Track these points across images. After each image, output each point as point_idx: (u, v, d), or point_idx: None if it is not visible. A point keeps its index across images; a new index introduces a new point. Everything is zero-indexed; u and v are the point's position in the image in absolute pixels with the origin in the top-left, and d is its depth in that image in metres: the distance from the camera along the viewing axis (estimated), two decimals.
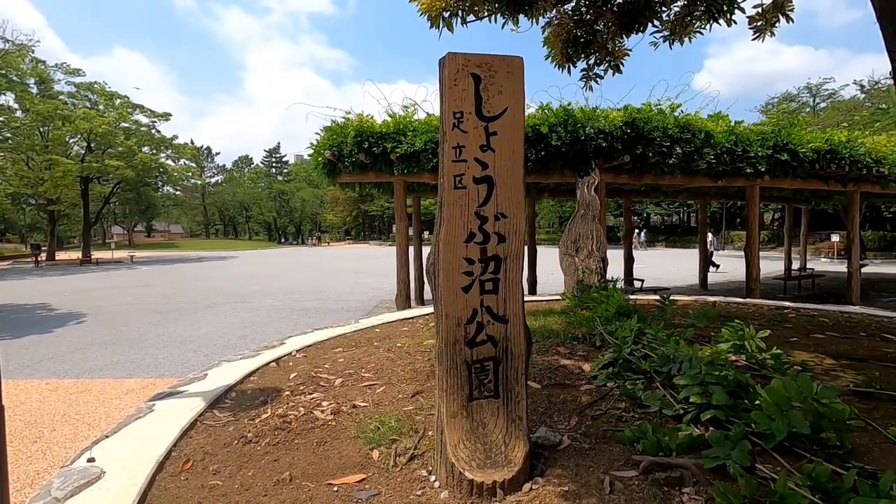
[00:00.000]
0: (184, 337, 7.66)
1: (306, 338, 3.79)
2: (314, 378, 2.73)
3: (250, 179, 76.22)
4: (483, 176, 1.56)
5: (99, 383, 5.40)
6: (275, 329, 8.15)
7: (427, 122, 6.33)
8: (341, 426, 2.02)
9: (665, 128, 6.83)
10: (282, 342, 3.64)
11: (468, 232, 1.55)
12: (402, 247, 7.04)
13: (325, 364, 3.05)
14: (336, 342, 3.68)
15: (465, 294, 1.56)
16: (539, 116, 6.41)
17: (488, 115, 1.55)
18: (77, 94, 29.60)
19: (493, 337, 1.58)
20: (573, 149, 6.43)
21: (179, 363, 6.16)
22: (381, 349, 3.35)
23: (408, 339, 3.65)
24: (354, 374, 2.79)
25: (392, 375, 2.69)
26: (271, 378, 2.80)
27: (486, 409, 1.57)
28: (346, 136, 6.26)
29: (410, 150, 6.19)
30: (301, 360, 3.16)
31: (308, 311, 10.02)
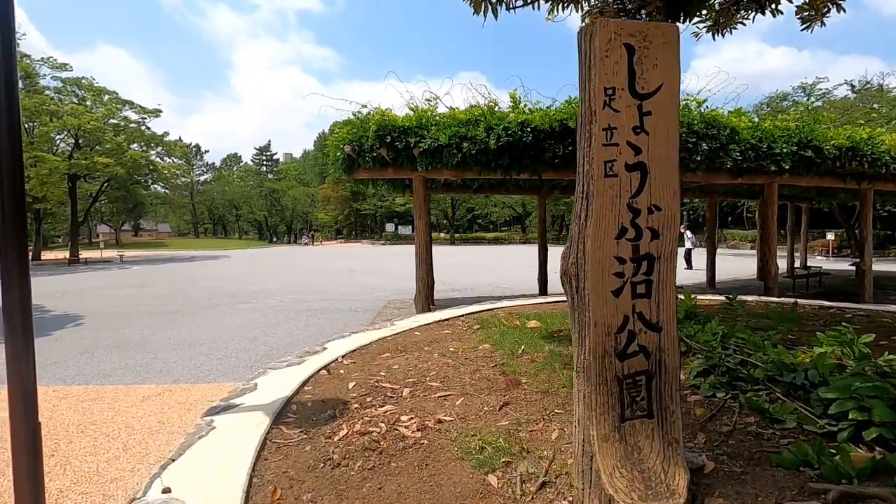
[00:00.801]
0: (191, 339, 7.36)
1: (347, 342, 3.55)
2: (377, 388, 2.51)
3: (239, 177, 75.26)
4: (636, 162, 1.35)
5: (111, 390, 5.10)
6: (285, 331, 7.88)
7: (451, 115, 6.11)
8: (437, 445, 1.81)
9: (690, 123, 6.69)
10: (323, 347, 3.41)
11: (619, 227, 1.35)
12: (421, 245, 6.81)
13: (380, 372, 2.83)
14: (381, 347, 3.46)
15: (615, 298, 1.35)
16: (567, 110, 6.22)
17: (642, 92, 1.34)
18: (64, 89, 28.83)
19: (646, 347, 1.38)
20: None
21: (192, 368, 5.88)
22: (435, 354, 3.14)
23: (457, 342, 3.44)
24: (419, 382, 2.57)
25: (463, 384, 2.48)
26: (328, 388, 2.57)
27: (639, 430, 1.37)
28: (367, 130, 6.01)
29: (434, 144, 5.96)
30: (352, 368, 2.93)
31: (315, 311, 9.75)
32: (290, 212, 69.26)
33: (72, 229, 29.78)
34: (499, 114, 6.17)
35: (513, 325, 3.57)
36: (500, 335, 3.24)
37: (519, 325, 3.57)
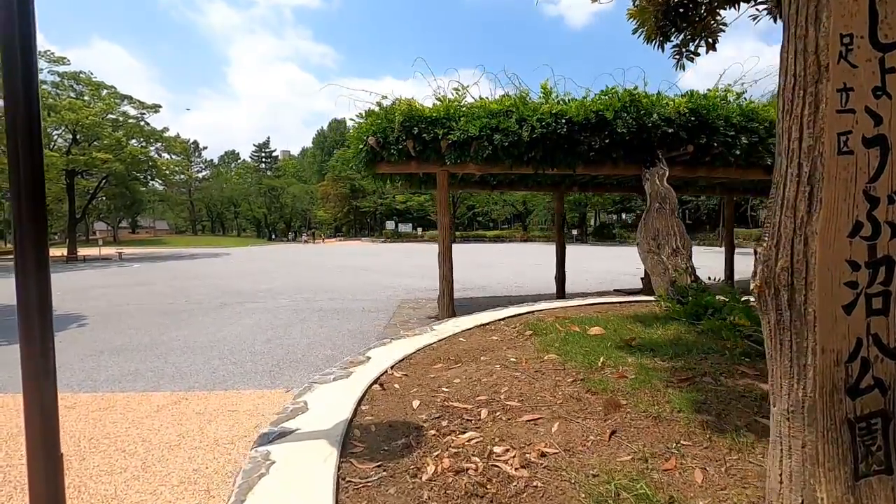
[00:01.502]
0: (202, 342, 7.01)
1: (390, 350, 3.22)
2: (447, 408, 2.18)
3: (237, 174, 74.70)
4: (875, 136, 1.02)
5: (122, 398, 4.75)
6: (300, 332, 7.54)
7: (482, 105, 5.77)
8: (555, 488, 1.48)
9: (728, 116, 6.37)
10: (366, 357, 3.07)
11: (853, 221, 1.02)
12: (445, 243, 6.48)
13: (441, 387, 2.50)
14: (429, 356, 3.13)
15: (846, 316, 1.03)
16: (603, 101, 5.88)
17: (885, 41, 1.01)
18: (61, 83, 28.30)
19: (882, 381, 1.05)
20: (639, 137, 5.92)
21: (207, 373, 5.53)
22: (496, 366, 2.81)
23: (514, 351, 3.11)
24: (494, 401, 2.24)
25: (549, 405, 2.15)
26: (389, 407, 2.23)
27: (877, 492, 1.04)
28: (391, 121, 5.67)
29: (463, 136, 5.62)
30: (407, 382, 2.60)
31: (328, 311, 9.41)
32: (289, 209, 68.75)
33: (69, 226, 29.31)
34: (532, 104, 5.83)
35: (571, 331, 3.24)
36: (561, 343, 2.90)
37: (579, 332, 3.23)
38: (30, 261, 1.59)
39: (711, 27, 4.38)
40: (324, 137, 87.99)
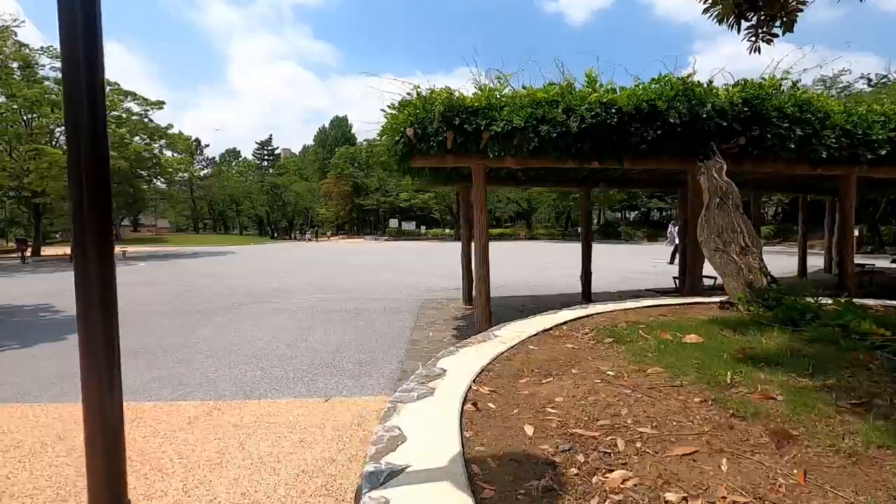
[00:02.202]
0: (224, 345, 6.67)
1: (461, 360, 2.89)
2: (571, 436, 1.84)
3: (238, 172, 74.30)
4: None
5: (149, 408, 4.42)
6: (324, 335, 7.21)
7: (528, 94, 5.41)
8: None
9: (782, 107, 6.03)
10: (439, 368, 2.73)
11: None
12: (482, 242, 6.13)
13: (544, 407, 2.16)
14: (508, 367, 2.79)
15: None
16: (654, 90, 5.53)
17: None
18: None
19: None
20: (692, 128, 5.58)
21: (234, 379, 5.20)
22: (594, 379, 2.47)
23: (603, 363, 2.78)
24: (620, 426, 1.90)
25: (692, 432, 1.81)
26: (497, 434, 1.90)
27: None
28: (431, 111, 5.32)
29: (507, 128, 5.28)
30: (501, 400, 2.26)
31: (348, 312, 9.07)
32: (291, 207, 68.39)
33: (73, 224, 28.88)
34: (579, 93, 5.48)
35: (662, 339, 2.90)
36: (659, 354, 2.57)
37: (672, 340, 2.89)
38: (92, 260, 1.32)
39: (790, 6, 4.02)
40: (325, 135, 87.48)
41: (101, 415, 1.40)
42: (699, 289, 6.69)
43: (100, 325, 1.40)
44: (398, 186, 59.15)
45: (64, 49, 1.23)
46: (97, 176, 1.33)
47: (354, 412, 4.25)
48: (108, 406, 1.41)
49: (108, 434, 1.42)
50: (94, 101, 1.25)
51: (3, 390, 4.91)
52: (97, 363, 1.39)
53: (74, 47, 1.23)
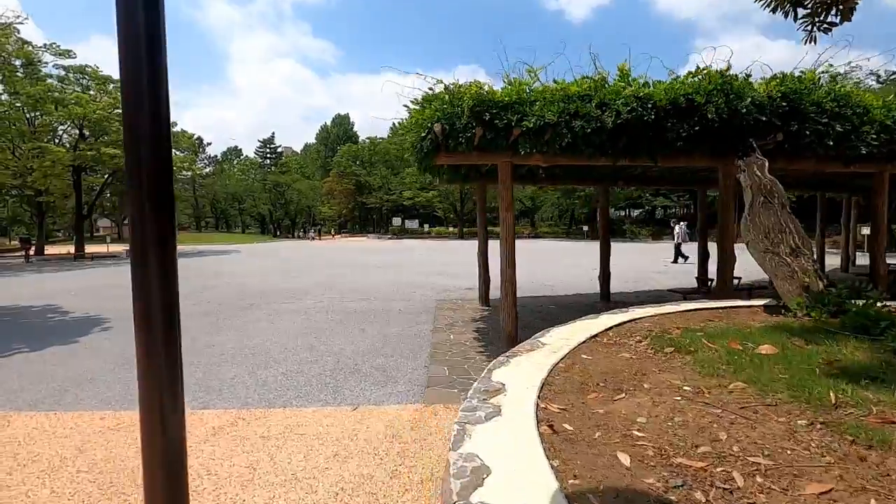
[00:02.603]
0: (240, 348, 6.47)
1: (515, 372, 2.68)
2: (676, 468, 1.63)
3: (240, 171, 74.08)
4: None
5: None
6: (343, 337, 7.01)
7: (560, 87, 5.19)
8: None
9: (820, 101, 5.80)
10: (497, 382, 2.53)
11: None
12: (508, 242, 5.92)
13: (629, 429, 1.96)
14: (569, 380, 2.59)
15: None
16: (692, 83, 5.31)
17: None
18: (66, 77, 27.69)
19: None
20: (730, 124, 5.35)
21: (256, 386, 5.00)
22: (671, 395, 2.27)
23: (670, 374, 2.57)
24: (727, 455, 1.70)
25: (814, 463, 1.61)
26: (587, 463, 1.70)
27: None
28: (459, 106, 5.10)
29: (539, 123, 5.05)
30: (577, 421, 2.06)
31: (365, 313, 8.87)
32: (294, 205, 68.17)
33: (76, 223, 28.78)
34: (613, 87, 5.26)
35: (731, 348, 2.69)
36: (735, 367, 2.37)
37: (742, 350, 2.68)
38: (153, 269, 1.16)
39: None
40: (327, 133, 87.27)
41: (163, 436, 1.21)
42: (730, 290, 6.47)
43: (161, 340, 1.25)
44: (401, 184, 58.93)
45: (123, 46, 1.10)
46: (160, 179, 1.18)
47: (386, 422, 4.05)
48: (171, 427, 1.24)
49: (169, 458, 1.26)
50: (157, 101, 1.10)
51: (16, 397, 4.71)
52: (158, 381, 1.23)
53: (135, 44, 1.09)
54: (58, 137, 29.13)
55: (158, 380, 1.21)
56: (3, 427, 4.02)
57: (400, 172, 60.25)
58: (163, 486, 1.20)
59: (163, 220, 1.18)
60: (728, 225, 6.55)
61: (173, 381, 1.22)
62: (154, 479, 1.22)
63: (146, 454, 1.23)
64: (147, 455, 1.22)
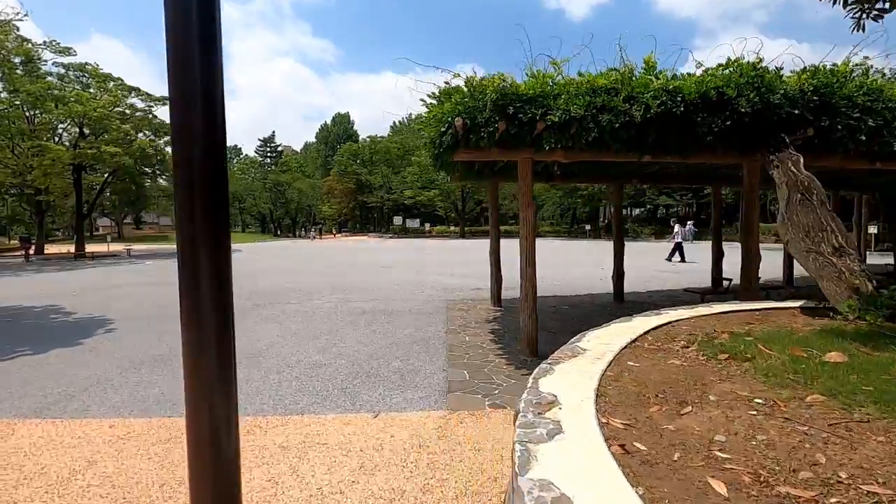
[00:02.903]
0: (250, 351, 6.27)
1: (562, 381, 2.49)
2: (785, 498, 1.43)
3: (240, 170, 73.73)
4: None
5: (181, 424, 3.99)
6: (354, 339, 6.81)
7: (587, 80, 4.98)
8: None
9: (851, 96, 5.60)
10: (548, 393, 2.33)
11: None
12: (528, 240, 5.72)
13: (712, 449, 1.76)
14: (622, 390, 2.39)
15: None
16: (722, 75, 5.11)
17: None
18: (66, 75, 27.44)
19: None
20: (761, 118, 5.15)
21: (269, 391, 4.80)
22: (742, 408, 2.09)
23: (731, 383, 2.39)
24: (832, 482, 1.51)
25: None
26: (679, 493, 1.49)
27: None
28: (481, 100, 4.89)
29: (565, 117, 4.85)
30: (652, 441, 1.86)
31: (373, 314, 8.67)
32: (294, 204, 67.91)
33: (77, 222, 28.54)
34: (641, 79, 5.05)
35: (793, 355, 2.49)
36: (802, 375, 2.18)
37: (806, 357, 2.49)
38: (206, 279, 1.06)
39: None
40: (327, 132, 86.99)
41: (213, 448, 1.10)
42: (755, 292, 6.27)
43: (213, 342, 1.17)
44: (402, 183, 58.70)
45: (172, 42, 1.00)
46: (214, 180, 1.05)
47: (410, 430, 3.85)
48: (223, 439, 1.12)
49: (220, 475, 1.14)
50: (212, 101, 1.00)
51: (21, 403, 4.51)
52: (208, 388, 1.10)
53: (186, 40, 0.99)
54: (57, 136, 28.89)
55: (208, 387, 1.12)
56: (7, 436, 3.82)
57: (401, 171, 60.05)
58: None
59: (217, 219, 1.03)
60: (753, 224, 6.36)
61: (226, 388, 1.11)
62: (202, 493, 1.08)
63: (194, 470, 1.11)
64: (195, 470, 1.11)
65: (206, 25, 1.00)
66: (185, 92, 0.99)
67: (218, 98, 1.02)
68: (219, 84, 1.03)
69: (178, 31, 0.99)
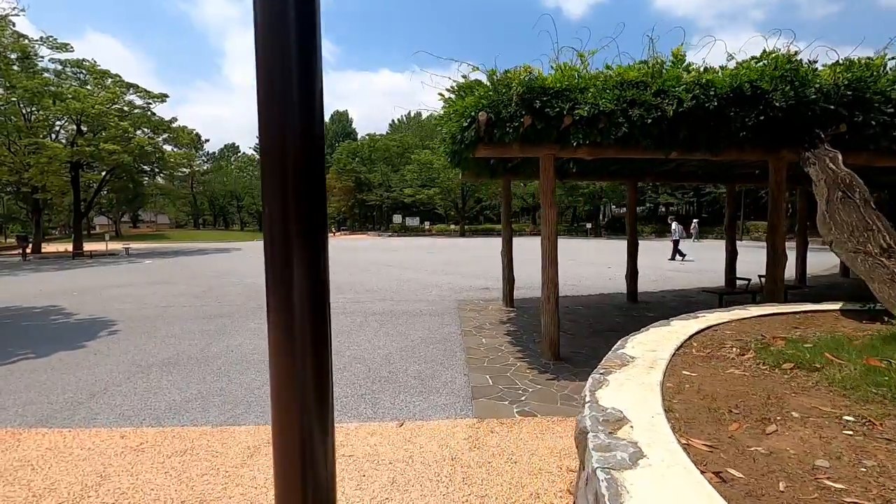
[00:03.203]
0: (262, 354, 6.06)
1: (631, 398, 2.29)
2: None
3: (237, 168, 73.31)
4: None
5: (197, 435, 3.81)
6: (368, 342, 6.61)
7: (618, 73, 4.78)
8: None
9: (885, 90, 5.42)
10: (615, 409, 2.13)
11: None
12: (550, 239, 5.52)
13: (820, 478, 1.58)
14: (695, 409, 2.21)
15: None
16: (756, 68, 4.92)
17: None
18: (63, 71, 27.07)
19: None
20: (796, 113, 4.97)
21: None
22: (845, 431, 1.89)
23: (808, 398, 2.20)
24: None
25: None
26: None
27: None
28: (506, 94, 4.69)
29: (593, 112, 4.65)
30: (747, 467, 1.69)
31: (385, 314, 8.46)
32: None
33: (75, 221, 28.21)
34: (670, 73, 4.86)
35: (868, 365, 2.30)
36: (890, 389, 1.97)
37: (885, 368, 2.30)
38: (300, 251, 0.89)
39: None
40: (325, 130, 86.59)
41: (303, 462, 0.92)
42: (781, 292, 6.09)
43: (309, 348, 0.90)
44: (402, 182, 58.40)
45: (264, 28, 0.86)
46: (310, 171, 0.88)
47: (439, 440, 3.66)
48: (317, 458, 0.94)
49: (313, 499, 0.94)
50: (310, 95, 0.86)
51: (25, 411, 4.30)
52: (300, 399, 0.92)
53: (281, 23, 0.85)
54: (55, 133, 28.53)
55: (300, 398, 0.90)
56: (12, 447, 3.61)
57: (400, 169, 59.75)
58: None
59: (314, 213, 0.84)
60: (779, 222, 6.17)
61: (322, 398, 0.99)
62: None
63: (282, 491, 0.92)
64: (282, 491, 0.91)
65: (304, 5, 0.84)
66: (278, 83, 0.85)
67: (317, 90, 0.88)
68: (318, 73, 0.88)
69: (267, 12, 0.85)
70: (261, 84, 0.83)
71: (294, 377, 0.88)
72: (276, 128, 0.82)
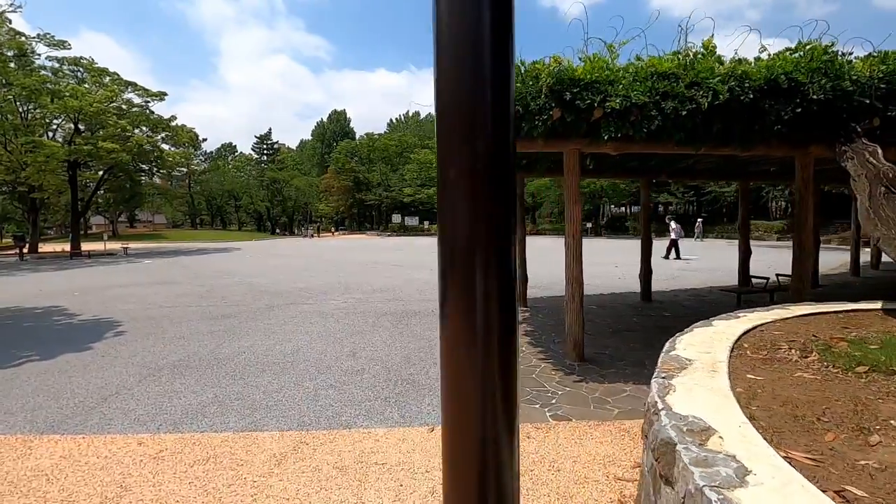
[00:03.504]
0: (275, 355, 5.88)
1: (705, 405, 2.13)
2: None
3: (235, 167, 72.93)
4: None
5: (217, 440, 3.63)
6: (383, 342, 6.43)
7: (652, 63, 4.62)
8: None
9: None
10: (697, 419, 1.96)
11: None
12: (575, 238, 5.36)
13: None
14: (779, 418, 2.05)
15: None
16: (792, 59, 4.76)
17: None
18: (60, 69, 26.76)
19: None
20: (833, 106, 4.82)
21: (307, 402, 4.41)
22: None
23: (892, 402, 2.02)
24: None
25: None
26: None
27: None
28: (534, 85, 4.52)
29: (625, 104, 4.49)
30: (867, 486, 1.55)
31: (395, 315, 8.28)
32: (291, 202, 67.24)
33: (73, 220, 27.91)
34: (703, 64, 4.70)
35: None
36: None
37: None
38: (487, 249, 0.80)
39: None
40: (324, 129, 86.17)
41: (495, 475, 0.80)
42: (808, 292, 5.95)
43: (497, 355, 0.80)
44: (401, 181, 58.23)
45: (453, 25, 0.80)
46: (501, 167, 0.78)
47: None
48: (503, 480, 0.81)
49: None
50: (504, 96, 0.77)
51: (34, 416, 4.10)
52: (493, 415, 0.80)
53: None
54: (52, 131, 28.20)
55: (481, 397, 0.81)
56: (24, 456, 3.42)
57: (399, 169, 59.55)
58: None
59: (504, 210, 0.71)
60: (806, 220, 6.02)
61: (509, 410, 0.80)
62: None
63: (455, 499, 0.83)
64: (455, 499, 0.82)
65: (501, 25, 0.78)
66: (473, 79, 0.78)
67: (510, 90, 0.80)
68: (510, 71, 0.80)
69: None
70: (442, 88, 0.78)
71: (475, 374, 0.79)
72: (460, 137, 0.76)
